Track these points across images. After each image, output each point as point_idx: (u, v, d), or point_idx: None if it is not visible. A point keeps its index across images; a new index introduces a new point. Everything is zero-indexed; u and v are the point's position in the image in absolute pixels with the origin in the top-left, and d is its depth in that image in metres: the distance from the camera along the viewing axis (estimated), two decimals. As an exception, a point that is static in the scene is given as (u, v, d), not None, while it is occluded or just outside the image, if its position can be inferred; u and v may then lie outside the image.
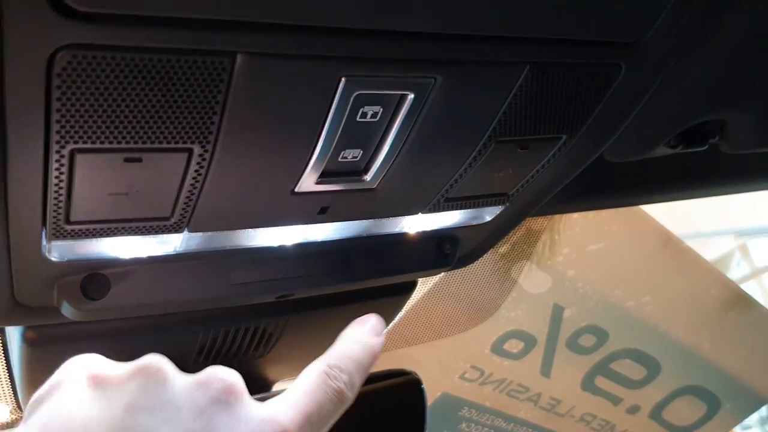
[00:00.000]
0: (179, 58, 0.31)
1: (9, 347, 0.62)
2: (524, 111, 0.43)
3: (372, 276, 0.55)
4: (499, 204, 0.54)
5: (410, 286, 0.71)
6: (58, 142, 0.32)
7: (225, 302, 0.51)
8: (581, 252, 1.14)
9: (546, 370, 1.29)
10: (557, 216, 1.00)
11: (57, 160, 0.33)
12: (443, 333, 1.13)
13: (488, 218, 0.57)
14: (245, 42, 0.32)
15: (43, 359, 0.56)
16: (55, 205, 0.36)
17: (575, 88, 0.43)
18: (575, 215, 1.05)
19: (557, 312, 1.23)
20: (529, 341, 1.26)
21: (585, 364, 1.31)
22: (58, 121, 0.31)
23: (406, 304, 1.09)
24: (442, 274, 1.03)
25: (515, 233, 0.96)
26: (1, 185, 0.35)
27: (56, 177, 0.34)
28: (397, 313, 0.74)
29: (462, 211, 0.54)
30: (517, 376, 1.29)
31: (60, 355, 0.57)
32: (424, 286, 1.02)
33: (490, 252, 1.03)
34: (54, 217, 0.37)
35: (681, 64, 0.47)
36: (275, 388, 0.78)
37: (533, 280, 1.13)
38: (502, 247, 1.01)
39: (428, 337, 1.12)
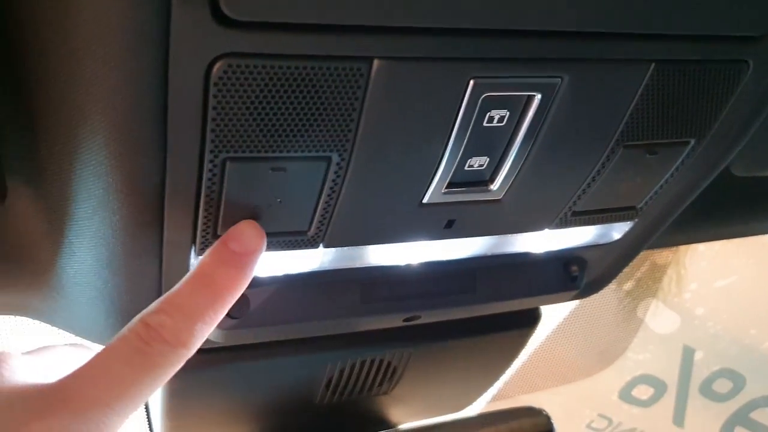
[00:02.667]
0: (321, 65, 0.33)
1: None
2: (651, 113, 0.43)
3: (498, 298, 0.55)
4: (627, 219, 0.53)
5: (535, 318, 0.70)
6: (212, 151, 0.35)
7: (355, 323, 0.52)
8: (710, 288, 1.08)
9: (679, 419, 1.21)
10: (682, 249, 0.96)
11: (210, 170, 0.36)
12: (568, 378, 1.09)
13: (616, 236, 0.55)
14: (381, 47, 0.33)
15: (182, 390, 0.59)
16: (205, 217, 0.39)
17: (701, 88, 0.43)
18: (701, 247, 1.00)
19: (688, 354, 1.16)
20: (659, 387, 1.20)
21: (722, 412, 1.22)
22: (213, 130, 0.34)
23: (530, 346, 1.07)
24: (567, 311, 1.01)
25: (640, 268, 0.93)
26: (158, 199, 0.38)
27: (208, 188, 0.37)
28: (521, 348, 0.73)
29: (589, 228, 0.53)
30: (648, 425, 1.22)
31: (196, 387, 0.60)
32: (547, 327, 1.00)
33: (614, 289, 1.00)
34: (203, 230, 0.40)
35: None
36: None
37: (660, 319, 1.08)
38: (627, 284, 0.98)
39: (553, 382, 1.09)
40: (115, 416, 0.31)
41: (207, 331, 0.35)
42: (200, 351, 0.56)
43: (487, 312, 0.57)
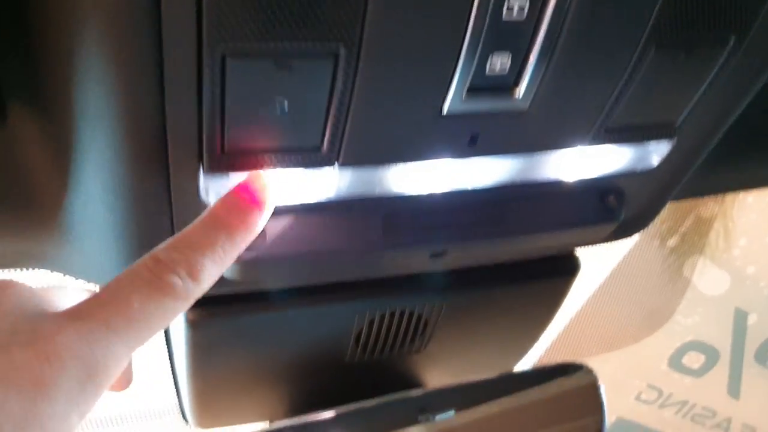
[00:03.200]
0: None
1: (171, 340, 0.63)
2: (682, 6, 0.39)
3: (529, 230, 0.52)
4: (665, 137, 0.49)
5: (573, 267, 0.66)
6: (209, 43, 0.33)
7: (378, 258, 0.50)
8: (762, 243, 1.02)
9: (734, 389, 1.15)
10: (729, 200, 0.91)
11: (209, 65, 0.34)
12: (614, 344, 1.04)
13: (655, 162, 0.52)
14: None
15: (207, 342, 0.57)
16: (209, 128, 0.37)
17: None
18: (750, 198, 0.95)
19: (740, 318, 1.10)
20: (711, 354, 1.14)
21: (781, 382, 1.16)
22: (209, 16, 0.32)
23: (573, 308, 1.03)
24: (609, 270, 0.97)
25: (684, 222, 0.88)
26: (159, 111, 0.36)
27: (209, 86, 0.35)
28: (560, 300, 0.69)
29: (625, 152, 0.50)
30: (700, 397, 1.16)
31: (222, 338, 0.58)
32: (589, 287, 0.96)
33: (657, 246, 0.95)
34: (209, 145, 0.38)
35: None
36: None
37: (709, 278, 1.03)
38: (671, 240, 0.93)
39: (599, 349, 1.04)
40: (121, 344, 0.30)
41: (217, 269, 0.34)
42: (221, 300, 0.54)
43: (519, 248, 0.54)
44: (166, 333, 0.66)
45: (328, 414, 0.66)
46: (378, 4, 0.34)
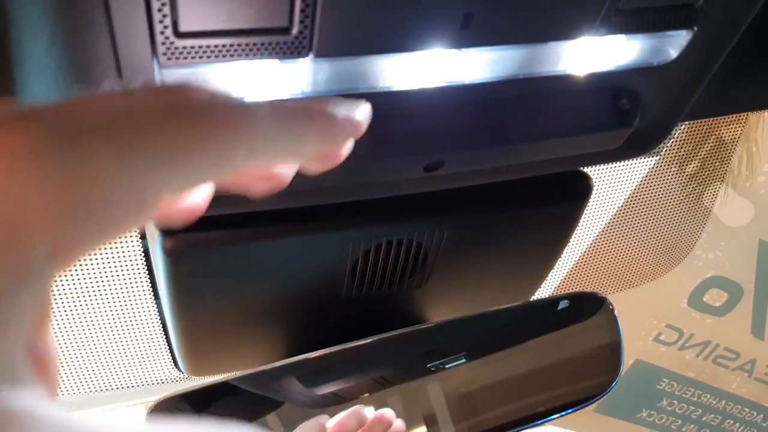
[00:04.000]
0: None
1: (154, 274, 0.59)
2: None
3: (534, 136, 0.47)
4: (685, 25, 0.44)
5: (585, 189, 0.61)
6: None
7: (366, 170, 0.45)
8: (788, 168, 0.97)
9: (759, 329, 1.10)
10: (752, 121, 0.85)
11: None
12: (630, 282, 0.99)
13: (673, 54, 0.47)
14: None
15: (188, 274, 0.53)
16: (160, 5, 0.32)
17: None
18: (775, 119, 0.89)
19: (765, 251, 1.04)
20: (734, 291, 1.09)
21: (808, 319, 1.10)
22: None
23: (584, 242, 0.98)
24: (623, 199, 0.91)
25: (704, 145, 0.83)
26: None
27: None
28: (572, 226, 0.64)
29: (639, 41, 0.45)
30: (723, 337, 1.11)
31: (207, 270, 0.54)
32: (602, 219, 0.91)
33: (675, 172, 0.90)
34: (162, 26, 0.33)
35: None
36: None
37: (731, 209, 0.97)
38: (690, 165, 0.87)
39: (612, 287, 1.00)
40: (112, 146, 0.19)
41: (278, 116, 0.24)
42: (200, 226, 0.50)
43: (523, 157, 0.49)
44: (147, 261, 0.62)
45: (326, 351, 0.62)
46: None
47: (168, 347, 0.71)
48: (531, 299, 0.73)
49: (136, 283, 0.67)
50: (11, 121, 0.18)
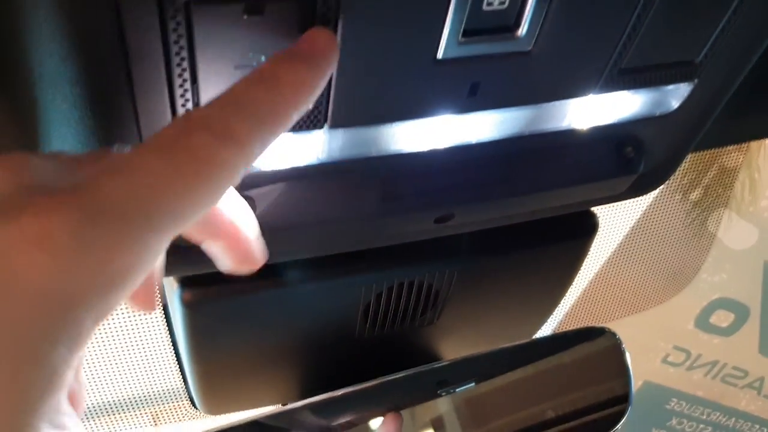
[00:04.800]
0: None
1: (173, 324, 0.61)
2: None
3: (541, 187, 0.48)
4: (685, 79, 0.45)
5: (591, 226, 0.63)
6: None
7: (379, 226, 0.46)
8: (791, 192, 0.98)
9: (766, 347, 1.11)
10: (754, 148, 0.86)
11: (173, 17, 0.30)
12: (637, 307, 1.00)
13: (675, 104, 0.48)
14: None
15: (206, 324, 0.54)
16: (181, 88, 0.33)
17: None
18: (776, 145, 0.90)
19: (771, 273, 1.06)
20: (741, 312, 1.10)
21: (815, 337, 1.11)
22: None
23: (592, 270, 0.99)
24: (629, 227, 0.92)
25: (707, 173, 0.84)
26: (124, 70, 0.32)
27: (176, 43, 0.31)
28: (579, 263, 0.66)
29: (641, 97, 0.46)
30: (731, 356, 1.12)
31: (223, 319, 0.55)
32: (608, 247, 0.92)
33: (679, 200, 0.91)
34: (183, 105, 0.34)
35: None
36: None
37: (735, 232, 0.98)
38: (694, 193, 0.88)
39: (620, 312, 1.01)
40: (144, 224, 0.22)
41: (264, 132, 0.26)
42: (216, 278, 0.51)
43: (530, 208, 0.51)
44: (166, 314, 0.64)
45: (341, 392, 0.63)
46: None
47: (184, 383, 0.73)
48: (539, 333, 0.74)
49: (154, 328, 0.69)
50: (47, 204, 0.21)
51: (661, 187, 0.89)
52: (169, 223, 0.23)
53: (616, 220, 0.86)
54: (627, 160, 0.50)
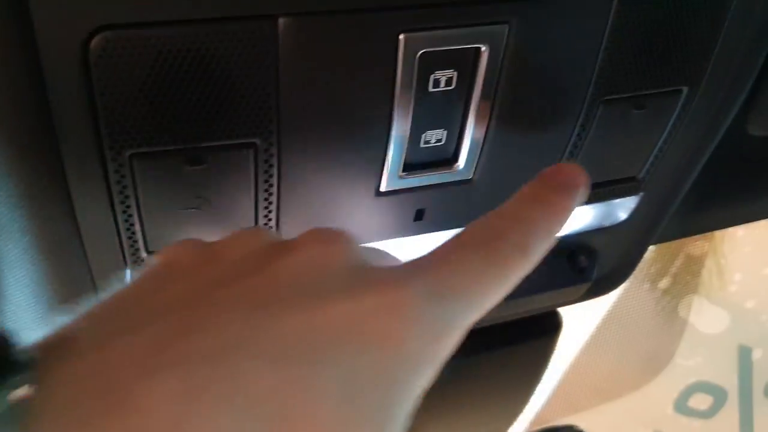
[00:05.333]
0: (217, 29, 0.29)
1: None
2: (628, 57, 0.37)
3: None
4: (629, 193, 0.46)
5: (555, 325, 0.63)
6: (112, 147, 0.31)
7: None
8: (758, 276, 0.99)
9: (747, 428, 1.10)
10: (718, 236, 0.88)
11: (116, 171, 0.31)
12: (614, 394, 1.00)
13: (623, 216, 0.49)
14: (282, 2, 0.29)
15: None
16: (127, 231, 0.35)
17: (684, 21, 0.37)
18: (740, 231, 0.92)
19: (745, 354, 1.06)
20: (719, 394, 1.09)
21: (796, 416, 1.11)
22: (107, 121, 0.30)
23: (566, 361, 0.99)
24: (599, 318, 0.93)
25: (674, 262, 0.85)
26: (71, 217, 0.33)
27: (120, 193, 0.33)
28: (546, 360, 0.66)
29: (589, 209, 0.47)
30: (712, 439, 1.11)
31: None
32: (581, 338, 0.92)
33: (648, 289, 0.92)
34: (131, 248, 0.35)
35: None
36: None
37: (707, 317, 0.99)
38: (662, 281, 0.90)
39: (597, 400, 1.00)
40: (465, 309, 0.25)
41: (543, 247, 0.29)
42: None
43: (486, 320, 0.51)
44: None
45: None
46: (290, 93, 0.31)
47: None
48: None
49: None
50: (398, 279, 0.24)
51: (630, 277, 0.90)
52: (480, 311, 0.26)
53: (588, 310, 0.87)
54: (580, 269, 0.51)
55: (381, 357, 0.22)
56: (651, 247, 0.86)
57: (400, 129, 0.35)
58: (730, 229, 0.89)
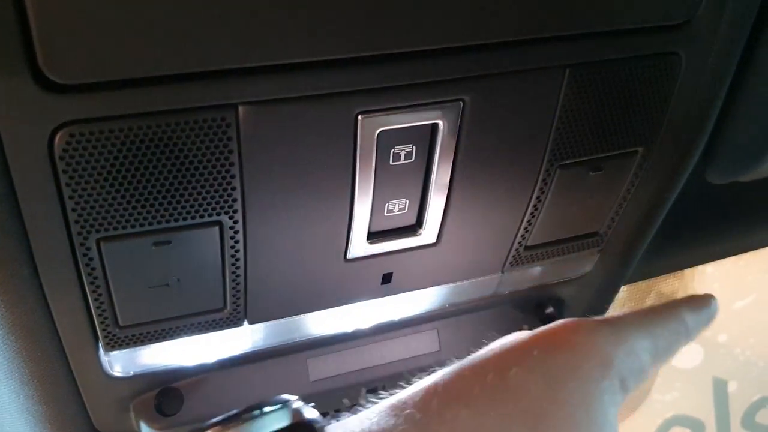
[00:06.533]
0: (177, 119, 0.30)
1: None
2: (581, 125, 0.38)
3: (465, 351, 0.50)
4: (592, 247, 0.48)
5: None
6: (80, 233, 0.31)
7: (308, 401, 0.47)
8: (728, 311, 1.00)
9: (726, 459, 1.11)
10: (688, 273, 0.90)
11: (84, 254, 0.32)
12: (592, 430, 1.00)
13: (588, 268, 0.50)
14: (242, 91, 0.30)
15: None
16: (98, 309, 0.35)
17: (633, 90, 0.39)
18: (709, 268, 0.94)
19: (720, 387, 1.07)
20: (697, 426, 1.10)
21: (773, 446, 1.12)
22: (73, 209, 0.30)
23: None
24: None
25: (645, 300, 0.86)
26: (40, 298, 0.34)
27: (89, 275, 0.33)
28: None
29: (551, 261, 0.48)
30: (694, 471, 1.12)
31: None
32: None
33: (620, 327, 0.93)
34: (102, 323, 0.36)
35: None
36: None
37: (681, 352, 1.00)
38: (633, 319, 0.90)
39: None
40: None
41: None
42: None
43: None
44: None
45: None
46: (254, 173, 0.33)
47: None
48: None
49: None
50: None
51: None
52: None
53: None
54: (549, 319, 0.52)
55: None
56: (623, 287, 0.87)
57: (363, 201, 0.36)
58: (699, 267, 0.91)
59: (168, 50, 0.27)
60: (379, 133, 0.34)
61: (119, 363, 0.40)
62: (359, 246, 0.38)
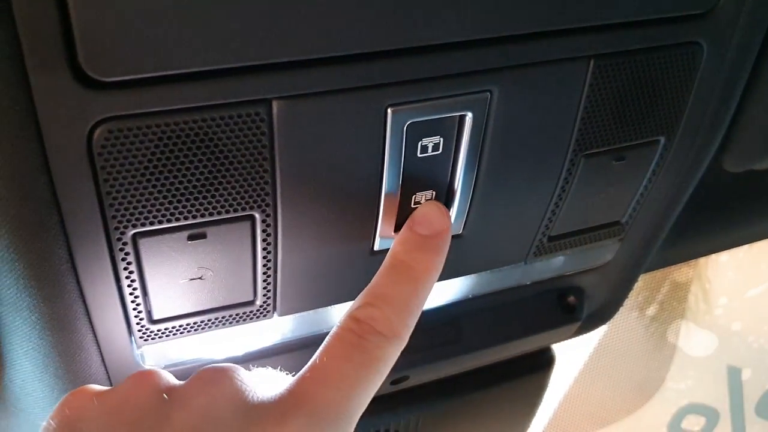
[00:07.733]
0: (213, 115, 0.30)
1: None
2: (605, 114, 0.39)
3: (488, 344, 0.50)
4: (614, 236, 0.48)
5: (548, 360, 0.64)
6: (117, 228, 0.32)
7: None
8: (742, 299, 1.01)
9: (741, 447, 1.12)
10: (702, 262, 0.90)
11: (121, 249, 0.33)
12: (608, 419, 1.01)
13: (609, 257, 0.51)
14: (276, 85, 0.31)
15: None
16: (133, 303, 0.36)
17: (656, 79, 0.39)
18: (723, 257, 0.94)
19: (734, 375, 1.08)
20: (711, 415, 1.11)
21: (788, 432, 1.12)
22: (111, 205, 0.31)
23: (560, 391, 1.00)
24: (591, 347, 0.94)
25: (660, 290, 0.87)
26: (77, 293, 0.35)
27: (125, 269, 0.34)
28: (540, 395, 0.67)
29: (573, 251, 0.49)
30: (708, 459, 1.12)
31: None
32: (574, 367, 0.94)
33: (637, 317, 0.94)
34: (137, 318, 0.37)
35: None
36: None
37: (695, 341, 1.01)
38: (650, 309, 0.91)
39: (592, 427, 1.01)
40: (347, 418, 0.29)
41: (414, 320, 0.32)
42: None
43: (481, 361, 0.53)
44: None
45: None
46: (287, 168, 0.33)
47: None
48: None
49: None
50: (277, 416, 0.27)
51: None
52: (359, 414, 0.29)
53: (580, 341, 0.89)
54: (570, 308, 0.52)
55: None
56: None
57: (390, 193, 0.37)
58: (713, 256, 0.91)
59: (204, 46, 0.28)
60: (407, 126, 0.34)
61: (151, 357, 0.40)
62: (386, 238, 0.39)
